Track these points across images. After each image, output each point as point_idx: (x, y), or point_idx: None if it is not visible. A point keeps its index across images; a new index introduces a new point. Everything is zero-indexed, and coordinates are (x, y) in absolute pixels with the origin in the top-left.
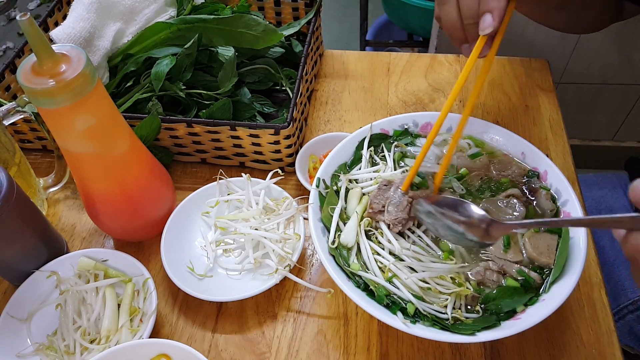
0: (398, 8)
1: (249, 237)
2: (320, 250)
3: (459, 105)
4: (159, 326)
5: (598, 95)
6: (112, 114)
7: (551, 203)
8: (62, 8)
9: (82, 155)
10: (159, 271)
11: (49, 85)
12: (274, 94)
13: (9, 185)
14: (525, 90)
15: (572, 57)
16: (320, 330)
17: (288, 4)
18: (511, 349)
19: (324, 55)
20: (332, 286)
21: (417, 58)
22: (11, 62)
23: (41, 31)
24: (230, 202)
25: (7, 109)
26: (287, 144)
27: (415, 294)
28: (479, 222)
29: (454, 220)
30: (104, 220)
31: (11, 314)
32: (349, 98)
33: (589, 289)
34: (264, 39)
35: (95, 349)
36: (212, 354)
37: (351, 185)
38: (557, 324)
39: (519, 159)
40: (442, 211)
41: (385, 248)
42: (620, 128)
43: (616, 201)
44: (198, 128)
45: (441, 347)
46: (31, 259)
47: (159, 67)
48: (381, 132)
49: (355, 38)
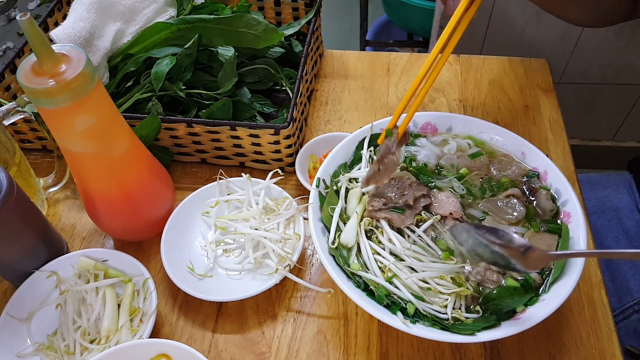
0: (398, 8)
1: (249, 237)
2: (320, 250)
3: (459, 105)
4: (159, 326)
5: (598, 95)
6: (112, 114)
7: (551, 203)
8: (62, 8)
9: (82, 155)
10: (159, 271)
11: (49, 85)
12: (274, 94)
13: (9, 185)
14: (525, 90)
15: (572, 57)
16: (320, 330)
17: (288, 4)
18: (511, 349)
19: (324, 55)
20: (332, 286)
21: (417, 58)
22: (11, 62)
23: (41, 31)
24: (230, 202)
25: (7, 109)
26: (287, 144)
27: (415, 294)
28: (518, 247)
29: (494, 244)
30: (104, 220)
31: (11, 314)
32: (349, 98)
33: (589, 289)
34: (264, 38)
35: (95, 349)
36: (212, 354)
37: (351, 185)
38: (557, 324)
39: (519, 159)
40: (481, 233)
41: (386, 248)
42: (620, 128)
43: (620, 201)
44: (198, 128)
45: (441, 347)
46: (31, 259)
47: (159, 67)
48: (381, 132)
49: (355, 38)
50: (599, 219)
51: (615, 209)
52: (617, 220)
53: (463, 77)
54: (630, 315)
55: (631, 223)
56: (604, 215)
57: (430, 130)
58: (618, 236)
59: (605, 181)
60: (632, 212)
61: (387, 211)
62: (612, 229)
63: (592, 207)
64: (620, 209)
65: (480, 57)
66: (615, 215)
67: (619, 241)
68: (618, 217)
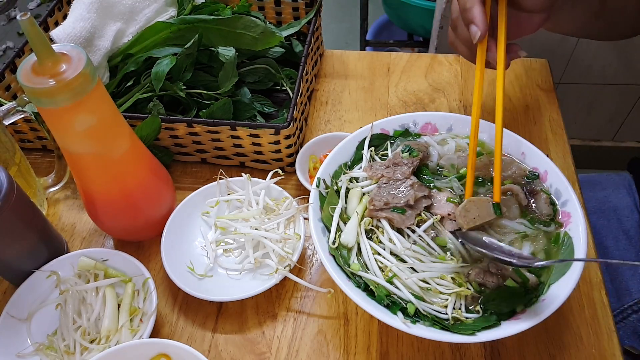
0: (398, 8)
1: (249, 237)
2: (321, 250)
3: (459, 105)
4: (159, 326)
5: (598, 95)
6: (112, 114)
7: (550, 208)
8: (62, 8)
9: (82, 155)
10: (159, 271)
11: (49, 85)
12: (274, 93)
13: (9, 185)
14: (525, 90)
15: (572, 57)
16: (320, 330)
17: (288, 4)
18: (511, 349)
19: (324, 55)
20: (332, 286)
21: (417, 58)
22: (11, 61)
23: (41, 31)
24: (230, 202)
25: (7, 109)
26: (287, 143)
27: (416, 294)
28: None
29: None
30: (104, 220)
31: (11, 314)
32: (349, 98)
33: (589, 289)
34: (262, 40)
35: (95, 349)
36: (212, 354)
37: (352, 185)
38: (557, 324)
39: (519, 159)
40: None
41: (386, 248)
42: (620, 128)
43: (620, 201)
44: (198, 128)
45: (441, 347)
46: (31, 259)
47: (159, 67)
48: (381, 132)
49: (355, 38)
50: (599, 219)
51: (615, 209)
52: (617, 220)
53: (463, 77)
54: (630, 315)
55: (631, 223)
56: (604, 216)
57: (430, 130)
58: (618, 236)
59: (605, 181)
60: (632, 212)
61: (388, 211)
62: (612, 229)
63: (592, 208)
64: (620, 210)
65: None
66: (615, 215)
67: (619, 241)
68: (618, 218)
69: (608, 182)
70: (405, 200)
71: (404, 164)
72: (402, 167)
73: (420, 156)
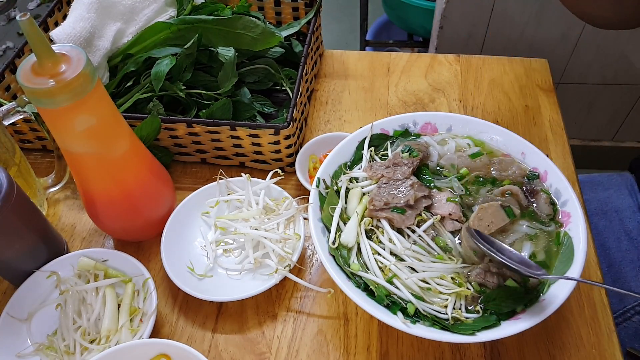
0: (398, 8)
1: (249, 237)
2: (321, 250)
3: (459, 105)
4: (159, 326)
5: (598, 95)
6: (112, 114)
7: (550, 207)
8: (62, 8)
9: (82, 156)
10: (159, 271)
11: (49, 85)
12: (274, 94)
13: (9, 185)
14: (525, 90)
15: (572, 57)
16: (320, 330)
17: (288, 4)
18: (511, 349)
19: (324, 55)
20: (332, 286)
21: (417, 58)
22: (11, 62)
23: (41, 31)
24: (230, 202)
25: (7, 109)
26: (287, 144)
27: (416, 294)
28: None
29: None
30: (104, 220)
31: (11, 314)
32: (349, 98)
33: (589, 289)
34: (261, 41)
35: (95, 349)
36: (212, 354)
37: (351, 185)
38: (557, 324)
39: (519, 159)
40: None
41: (386, 248)
42: (620, 128)
43: (622, 202)
44: (198, 128)
45: (441, 347)
46: (31, 259)
47: (159, 67)
48: (381, 132)
49: (355, 38)
50: (600, 220)
51: (617, 210)
52: (619, 221)
53: (463, 77)
54: (632, 316)
55: (633, 224)
56: (606, 217)
57: (430, 130)
58: (620, 237)
59: (607, 182)
60: (634, 213)
61: (388, 211)
62: (614, 230)
63: (593, 208)
64: (622, 210)
65: (480, 57)
66: (617, 216)
67: (620, 242)
68: (620, 218)
69: (610, 182)
70: (405, 200)
71: (404, 164)
72: (402, 167)
73: (420, 156)
